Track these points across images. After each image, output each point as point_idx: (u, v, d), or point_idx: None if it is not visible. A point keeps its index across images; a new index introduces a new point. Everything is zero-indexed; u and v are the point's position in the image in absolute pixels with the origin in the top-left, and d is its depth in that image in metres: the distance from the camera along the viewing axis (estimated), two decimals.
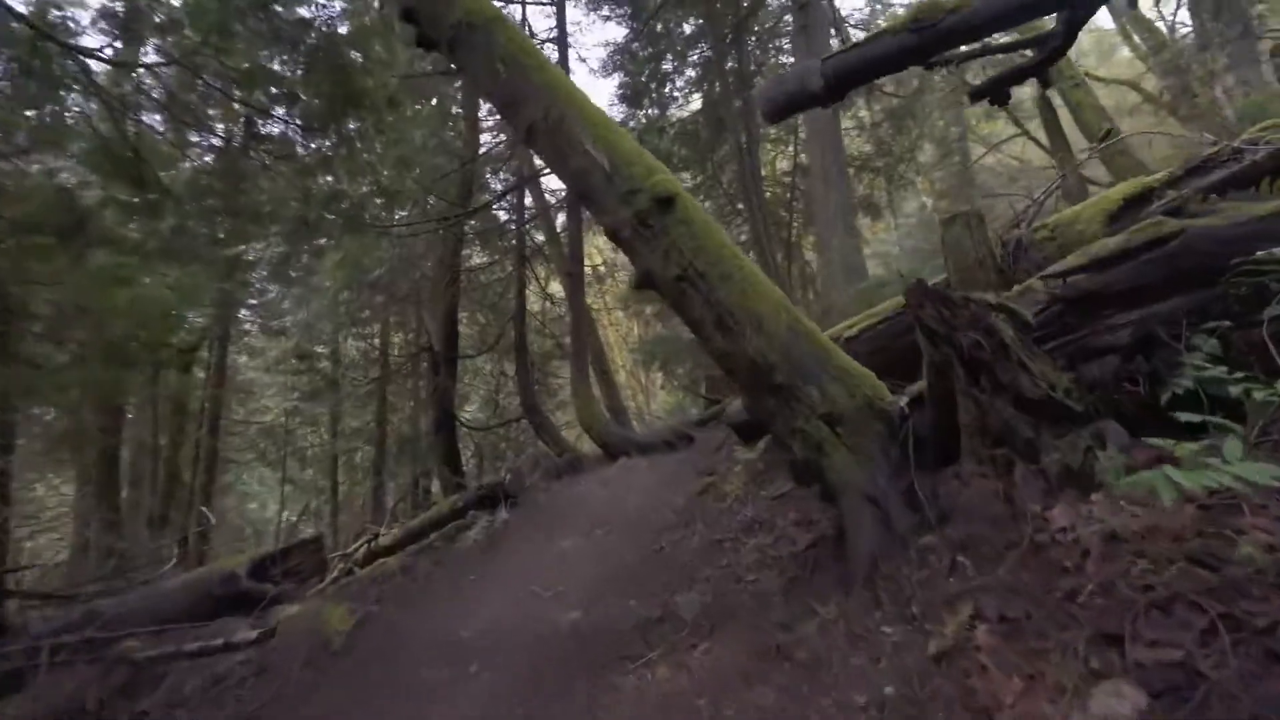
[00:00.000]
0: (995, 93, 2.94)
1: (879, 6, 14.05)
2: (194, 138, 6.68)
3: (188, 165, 6.31)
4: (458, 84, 11.83)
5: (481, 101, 13.04)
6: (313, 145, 6.83)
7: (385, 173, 7.87)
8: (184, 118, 6.10)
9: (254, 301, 12.93)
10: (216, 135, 6.49)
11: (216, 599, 4.61)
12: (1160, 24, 15.95)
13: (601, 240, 15.56)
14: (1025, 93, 16.55)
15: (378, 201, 8.07)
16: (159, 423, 11.48)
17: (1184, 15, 14.96)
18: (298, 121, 6.38)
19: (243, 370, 16.37)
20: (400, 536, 6.91)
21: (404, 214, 9.43)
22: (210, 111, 7.50)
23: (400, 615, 3.91)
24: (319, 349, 14.56)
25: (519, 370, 11.52)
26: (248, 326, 13.92)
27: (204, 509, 8.57)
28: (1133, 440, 2.05)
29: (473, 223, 12.75)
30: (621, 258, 16.59)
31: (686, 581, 3.23)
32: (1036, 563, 1.80)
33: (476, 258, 14.39)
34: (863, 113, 15.94)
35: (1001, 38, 4.02)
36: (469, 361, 13.61)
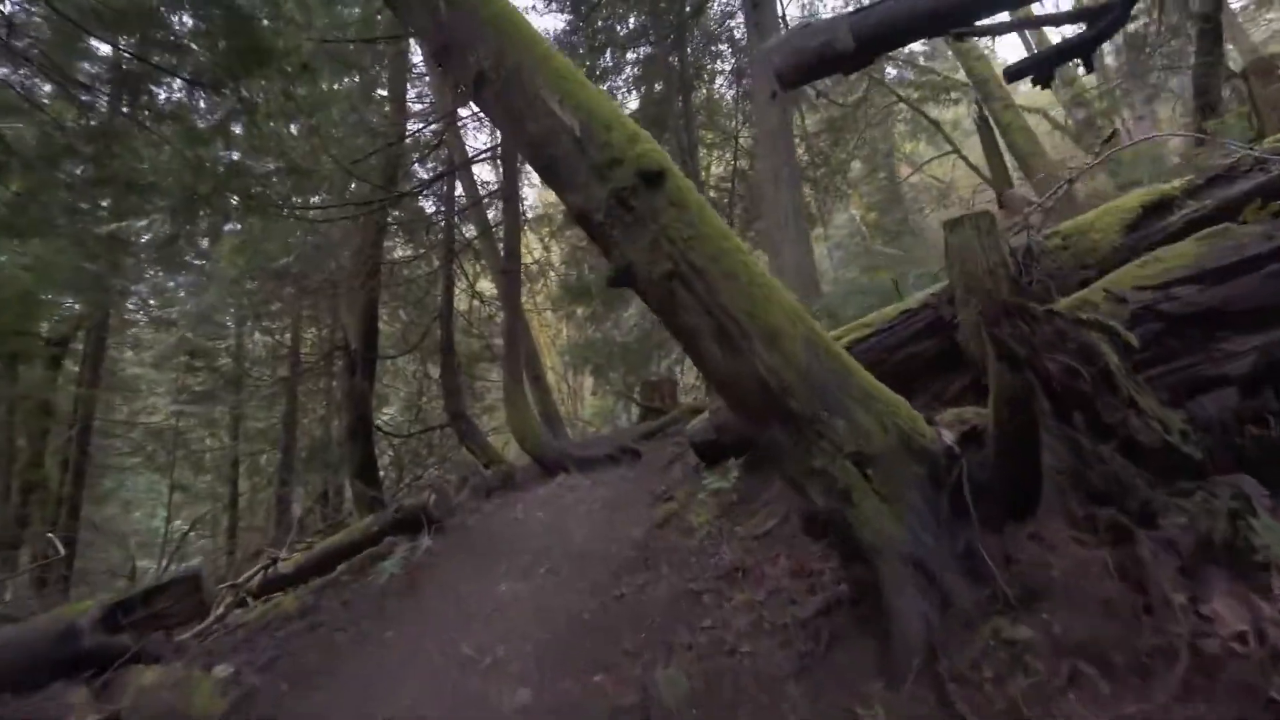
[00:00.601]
0: (1038, 71, 2.48)
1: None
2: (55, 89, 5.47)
3: (42, 121, 5.13)
4: (386, 61, 10.78)
5: (408, 86, 12.05)
6: (203, 106, 5.76)
7: (295, 148, 6.84)
8: (40, 63, 4.94)
9: (140, 288, 11.35)
10: (80, 86, 5.33)
11: (52, 661, 3.61)
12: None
13: (534, 237, 14.74)
14: (957, 113, 16.94)
15: (286, 181, 7.02)
16: (15, 426, 9.82)
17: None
18: (185, 76, 5.32)
19: (127, 366, 14.52)
20: (303, 563, 5.94)
21: (318, 198, 8.35)
22: (83, 66, 6.27)
23: (291, 690, 3.06)
24: (217, 343, 13.03)
25: (444, 373, 10.59)
26: (132, 316, 12.24)
27: (51, 535, 7.21)
28: (1274, 497, 1.58)
29: (396, 212, 11.70)
30: (556, 254, 15.81)
31: (662, 649, 2.60)
32: (1211, 685, 1.28)
33: (400, 250, 13.30)
34: (806, 120, 15.80)
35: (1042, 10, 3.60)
36: (389, 362, 12.50)
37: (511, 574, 4.02)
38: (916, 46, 14.02)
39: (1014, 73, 2.54)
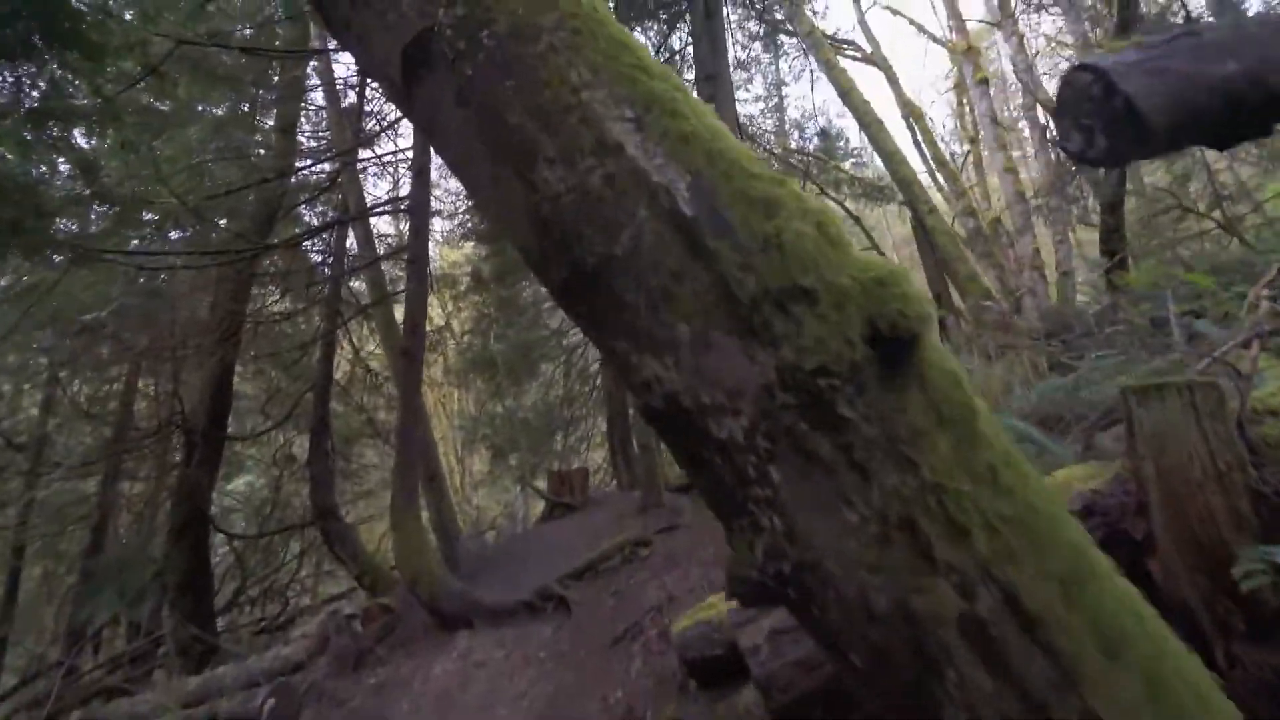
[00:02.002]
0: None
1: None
2: None
3: None
4: (276, 81, 8.89)
5: (302, 117, 10.14)
6: None
7: (115, 171, 4.89)
8: None
9: None
10: None
11: None
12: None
13: (433, 300, 12.86)
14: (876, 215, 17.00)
15: (103, 213, 5.01)
16: None
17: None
18: None
19: None
20: None
21: (151, 234, 6.26)
22: None
23: None
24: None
25: (313, 458, 8.43)
26: None
27: None
28: None
29: (274, 261, 9.59)
30: (458, 321, 13.95)
31: None
32: None
33: (274, 304, 11.01)
34: None
35: None
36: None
37: None
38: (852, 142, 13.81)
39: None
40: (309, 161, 9.47)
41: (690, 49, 9.15)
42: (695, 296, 0.85)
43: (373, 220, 9.58)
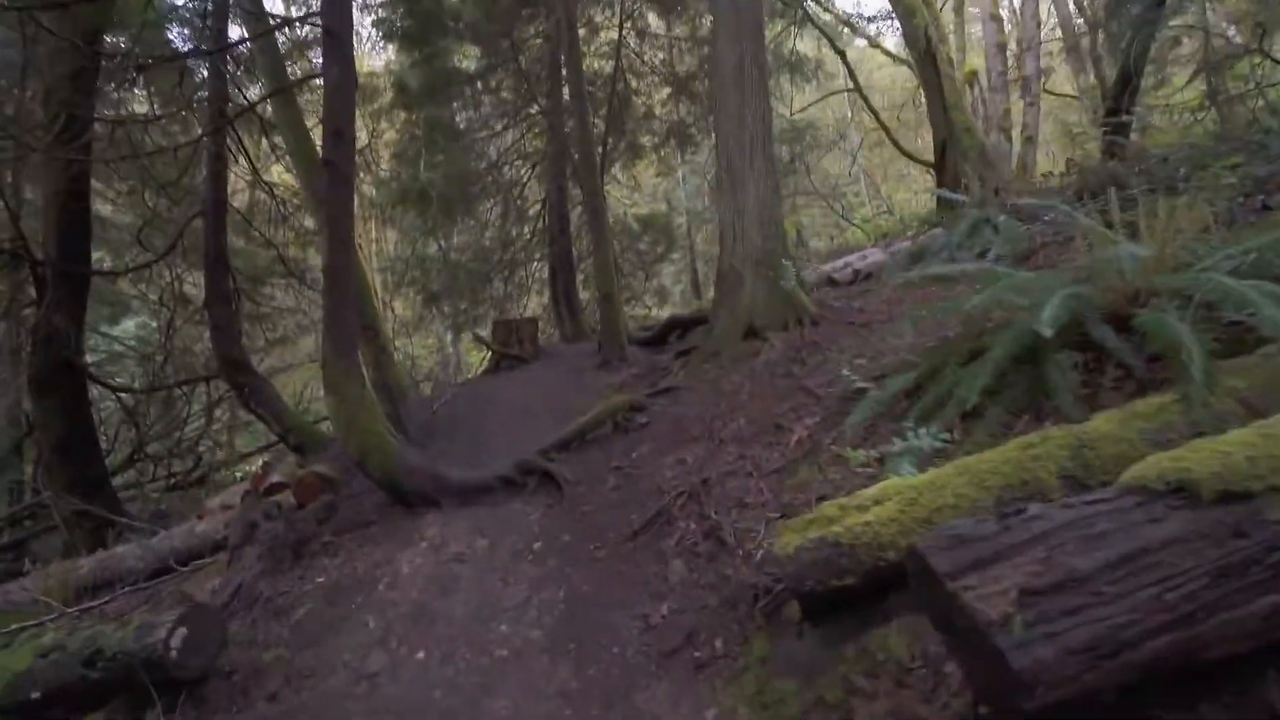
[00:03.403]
0: None
1: None
2: None
3: None
4: None
5: None
6: None
7: None
8: None
9: None
10: None
11: None
12: None
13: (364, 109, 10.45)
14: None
15: None
16: None
17: None
18: None
19: None
20: None
21: None
22: None
23: None
24: None
25: (211, 299, 6.84)
26: None
27: None
28: None
29: (120, 39, 7.16)
30: (388, 138, 11.64)
31: None
32: None
33: (135, 104, 8.48)
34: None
35: None
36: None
37: None
38: None
39: None
40: None
41: None
42: None
43: None
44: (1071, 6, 13.33)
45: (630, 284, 13.52)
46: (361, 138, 10.12)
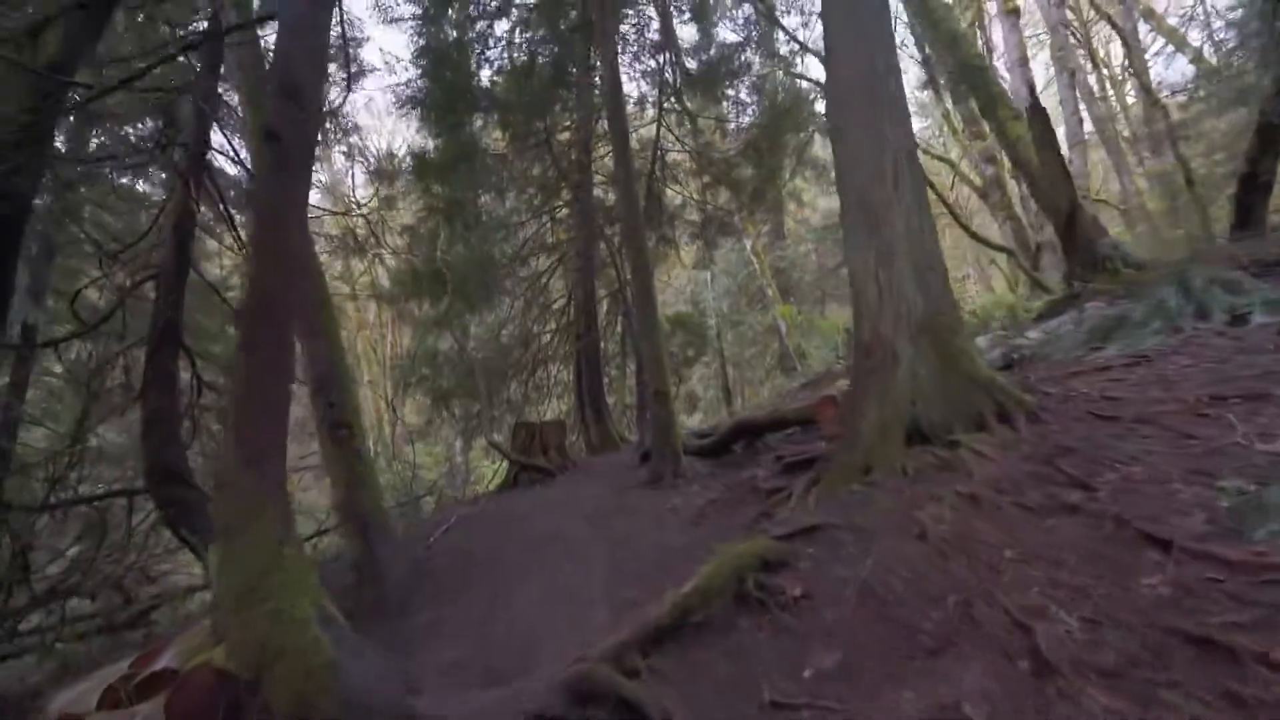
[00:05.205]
0: None
1: None
2: None
3: None
4: None
5: None
6: None
7: None
8: None
9: None
10: None
11: None
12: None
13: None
14: None
15: None
16: None
17: None
18: None
19: None
20: None
21: None
22: None
23: None
24: None
25: (148, 385, 5.07)
26: None
27: None
28: None
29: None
30: (397, 221, 10.21)
31: None
32: None
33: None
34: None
35: None
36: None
37: None
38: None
39: None
40: None
41: None
42: None
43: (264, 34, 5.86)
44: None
45: None
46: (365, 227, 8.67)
